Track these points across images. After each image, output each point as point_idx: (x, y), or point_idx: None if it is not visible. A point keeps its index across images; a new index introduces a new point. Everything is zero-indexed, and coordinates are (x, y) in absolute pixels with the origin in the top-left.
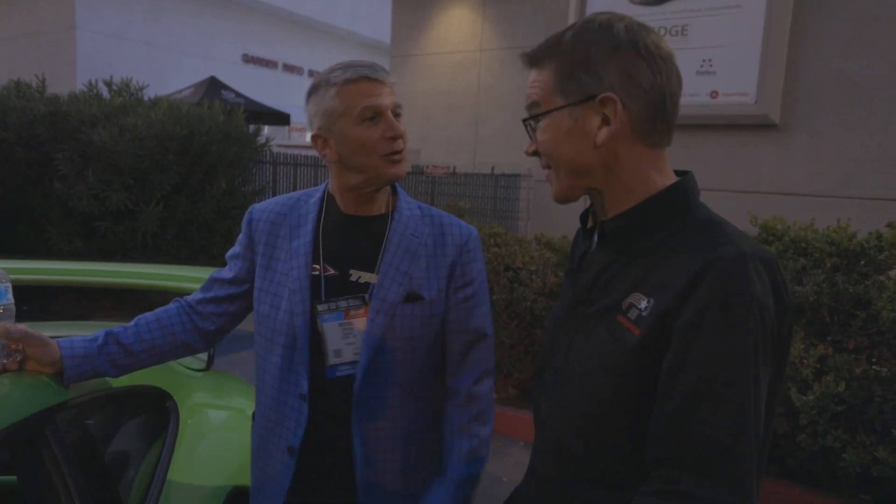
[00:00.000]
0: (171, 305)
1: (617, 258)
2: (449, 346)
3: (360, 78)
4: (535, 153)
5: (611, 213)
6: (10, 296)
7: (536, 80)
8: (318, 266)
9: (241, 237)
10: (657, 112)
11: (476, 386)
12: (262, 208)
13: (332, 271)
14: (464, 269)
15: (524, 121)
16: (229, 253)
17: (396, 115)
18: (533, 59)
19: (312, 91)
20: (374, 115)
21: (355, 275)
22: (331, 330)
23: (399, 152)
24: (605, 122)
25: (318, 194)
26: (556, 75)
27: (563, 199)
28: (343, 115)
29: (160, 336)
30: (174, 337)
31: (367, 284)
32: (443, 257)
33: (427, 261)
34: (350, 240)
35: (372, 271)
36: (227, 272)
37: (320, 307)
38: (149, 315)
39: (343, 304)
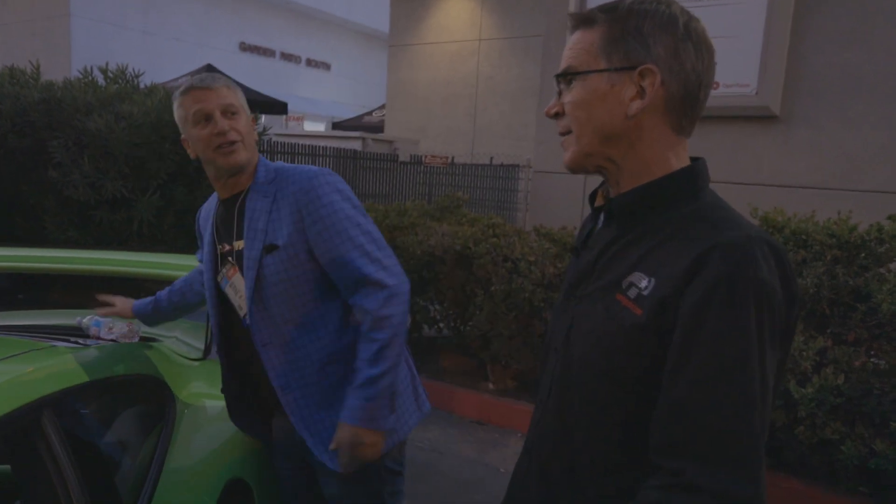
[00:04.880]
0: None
1: (622, 235)
2: (333, 279)
3: (190, 88)
4: (556, 115)
5: (624, 189)
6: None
7: (579, 41)
8: (221, 245)
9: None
10: (691, 97)
11: (370, 304)
12: (200, 209)
13: (227, 248)
14: (309, 209)
15: (556, 76)
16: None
17: (231, 114)
18: (585, 19)
19: (173, 103)
20: (205, 118)
21: (237, 245)
22: (229, 292)
23: (230, 143)
24: (640, 94)
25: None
26: (604, 37)
27: (578, 166)
28: (186, 121)
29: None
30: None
31: (242, 250)
32: (287, 205)
33: (275, 213)
34: (229, 218)
35: (241, 238)
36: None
37: (218, 277)
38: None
39: (223, 270)
